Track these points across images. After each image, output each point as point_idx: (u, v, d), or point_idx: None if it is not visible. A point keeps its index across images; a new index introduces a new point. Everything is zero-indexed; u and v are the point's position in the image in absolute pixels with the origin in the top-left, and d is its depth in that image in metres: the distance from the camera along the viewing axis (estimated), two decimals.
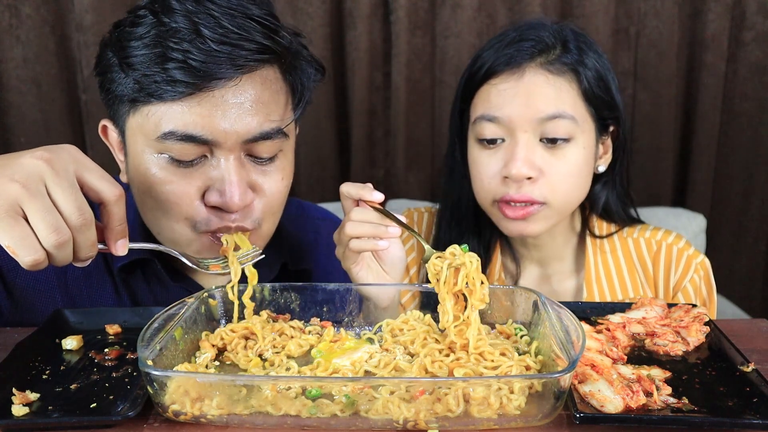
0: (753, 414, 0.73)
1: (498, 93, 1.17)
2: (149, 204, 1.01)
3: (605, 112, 1.20)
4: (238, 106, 0.95)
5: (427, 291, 0.97)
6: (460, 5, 2.10)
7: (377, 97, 2.19)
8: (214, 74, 0.92)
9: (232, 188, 0.96)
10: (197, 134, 0.94)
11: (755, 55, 2.19)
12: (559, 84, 1.15)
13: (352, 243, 1.01)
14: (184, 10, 0.94)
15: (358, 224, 1.00)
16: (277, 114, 1.00)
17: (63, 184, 0.75)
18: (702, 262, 1.29)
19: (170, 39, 0.92)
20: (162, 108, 0.94)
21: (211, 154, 0.97)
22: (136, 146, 0.99)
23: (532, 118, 1.14)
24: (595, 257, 1.31)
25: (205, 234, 1.00)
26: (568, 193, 1.19)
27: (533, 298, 0.92)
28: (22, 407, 0.75)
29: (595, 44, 1.22)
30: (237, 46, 0.93)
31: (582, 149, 1.18)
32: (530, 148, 1.15)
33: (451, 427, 0.71)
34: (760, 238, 2.36)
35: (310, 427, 0.72)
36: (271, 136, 0.99)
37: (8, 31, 1.98)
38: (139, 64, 0.94)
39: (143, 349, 0.75)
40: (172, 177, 0.97)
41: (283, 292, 0.98)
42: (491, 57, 1.18)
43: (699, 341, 0.91)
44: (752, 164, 2.29)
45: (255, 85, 0.97)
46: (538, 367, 0.82)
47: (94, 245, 0.80)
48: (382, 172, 2.25)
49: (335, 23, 2.13)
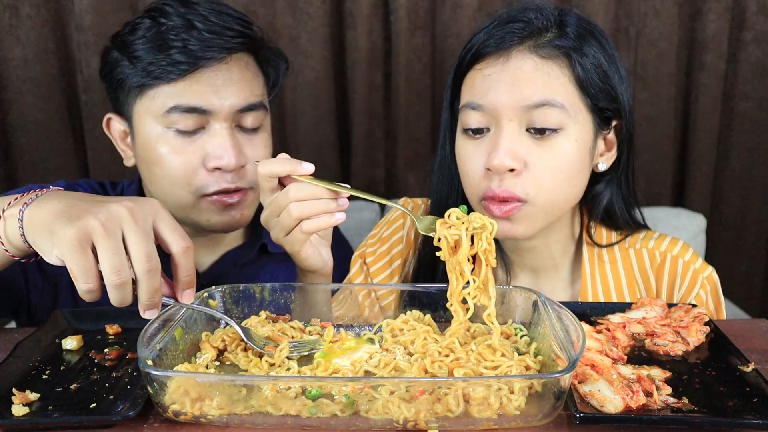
0: (753, 414, 0.73)
1: (483, 79, 1.07)
2: (158, 174, 1.20)
3: (603, 102, 1.09)
4: (228, 82, 1.18)
5: (427, 291, 0.97)
6: (460, 5, 2.10)
7: (377, 97, 2.18)
8: (208, 55, 1.16)
9: (228, 151, 1.17)
10: (198, 105, 1.16)
11: (755, 55, 2.19)
12: (548, 69, 1.05)
13: (305, 224, 0.96)
14: (178, 12, 1.17)
15: (307, 203, 0.95)
16: (258, 91, 1.24)
17: (138, 231, 0.80)
18: (709, 276, 1.18)
19: (169, 33, 1.16)
20: (166, 88, 1.16)
21: (208, 124, 1.18)
22: (145, 127, 1.19)
23: (518, 105, 1.04)
24: (592, 268, 1.20)
25: (204, 198, 1.20)
26: (554, 189, 1.07)
27: (533, 298, 0.92)
28: (22, 407, 0.75)
29: (602, 35, 1.12)
30: (223, 34, 1.18)
31: (573, 142, 1.06)
32: (515, 137, 1.05)
33: (451, 427, 0.71)
34: (760, 238, 2.36)
35: (310, 427, 0.72)
36: (256, 108, 1.22)
37: (8, 31, 1.98)
38: (145, 55, 1.16)
39: (143, 349, 0.75)
40: (178, 147, 1.18)
41: (283, 292, 0.98)
42: (480, 39, 1.09)
43: (699, 341, 0.91)
44: (752, 164, 2.29)
45: (240, 66, 1.20)
46: (538, 368, 0.82)
47: (158, 292, 0.81)
48: (382, 172, 2.25)
49: (335, 23, 2.12)
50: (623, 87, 1.12)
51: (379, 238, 1.33)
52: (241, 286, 0.96)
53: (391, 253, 1.31)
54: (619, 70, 1.11)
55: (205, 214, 1.22)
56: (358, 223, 1.87)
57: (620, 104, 1.12)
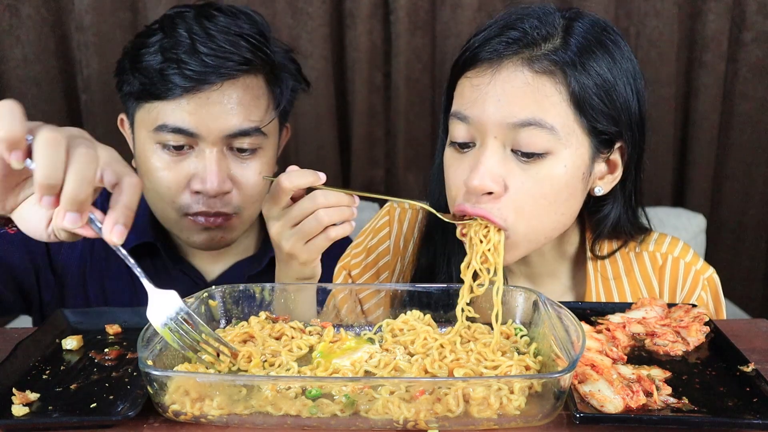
0: (753, 414, 0.73)
1: (471, 88, 0.98)
2: (147, 186, 1.21)
3: (603, 125, 0.98)
4: (221, 107, 1.16)
5: (428, 291, 0.97)
6: (460, 5, 2.10)
7: (377, 97, 2.18)
8: (203, 80, 1.14)
9: (212, 176, 1.16)
10: (185, 127, 1.16)
11: (755, 55, 2.19)
12: (540, 85, 0.95)
13: (333, 231, 0.96)
14: (186, 28, 1.16)
15: (335, 210, 0.95)
16: (257, 115, 1.20)
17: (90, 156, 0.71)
18: (710, 277, 1.15)
19: (171, 50, 1.15)
20: (160, 105, 1.16)
21: (197, 146, 1.18)
22: (140, 136, 1.21)
23: (503, 121, 0.95)
24: (597, 284, 1.14)
25: (186, 217, 1.21)
26: (537, 217, 0.98)
27: (533, 298, 0.92)
28: (22, 407, 0.75)
29: (616, 44, 1.00)
30: (225, 59, 1.15)
31: (562, 167, 0.96)
32: (498, 157, 0.96)
33: (451, 427, 0.71)
34: (760, 238, 2.36)
35: (310, 427, 0.72)
36: (249, 133, 1.19)
37: (8, 31, 1.98)
38: (144, 69, 1.17)
39: (143, 349, 0.75)
40: (165, 164, 1.18)
41: (283, 292, 0.98)
42: (477, 44, 1.00)
43: (699, 341, 0.91)
44: (752, 164, 2.29)
45: (237, 90, 1.17)
46: (537, 368, 0.82)
47: (86, 192, 0.71)
48: (382, 172, 2.25)
49: (335, 23, 2.13)
50: (635, 101, 1.01)
51: (365, 247, 1.26)
52: (241, 286, 0.96)
53: (378, 265, 1.25)
54: (634, 82, 1.01)
55: (186, 233, 1.23)
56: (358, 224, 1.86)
57: (628, 124, 1.01)
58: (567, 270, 1.18)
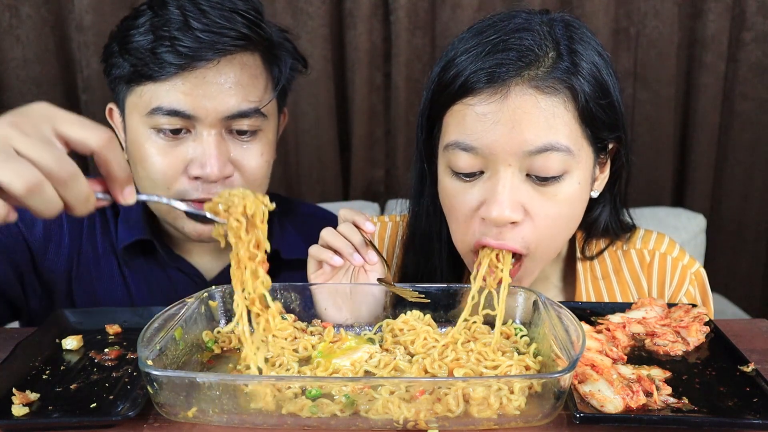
0: (753, 414, 0.73)
1: (476, 118, 0.93)
2: (141, 174, 1.14)
3: (604, 133, 0.98)
4: (218, 86, 1.09)
5: (427, 291, 0.97)
6: (460, 5, 2.10)
7: (377, 97, 2.19)
8: (198, 56, 1.07)
9: (211, 160, 1.09)
10: (181, 109, 1.08)
11: (755, 55, 2.19)
12: (551, 106, 0.92)
13: (312, 249, 1.01)
14: (177, 5, 1.09)
15: (335, 236, 0.99)
16: (255, 95, 1.13)
17: (34, 143, 0.68)
18: (697, 271, 1.16)
19: (162, 28, 1.07)
20: (152, 87, 1.09)
21: (194, 129, 1.10)
22: (132, 122, 1.14)
23: (518, 150, 0.91)
24: (587, 284, 1.15)
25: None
26: (555, 237, 0.99)
27: (533, 298, 0.92)
28: (22, 407, 0.75)
29: (588, 36, 0.99)
30: (220, 34, 1.08)
31: (576, 184, 0.96)
32: (515, 185, 0.93)
33: (451, 427, 0.71)
34: (760, 238, 2.36)
35: (310, 427, 0.72)
36: (249, 115, 1.12)
37: (8, 31, 1.98)
38: (135, 50, 1.09)
39: (143, 349, 0.75)
40: (160, 150, 1.11)
41: (283, 292, 0.98)
42: (467, 66, 0.94)
43: (699, 341, 0.91)
44: (752, 164, 2.29)
45: (234, 68, 1.10)
46: (537, 368, 0.82)
47: (88, 199, 0.72)
48: (382, 171, 2.25)
49: (335, 23, 2.13)
50: (619, 97, 1.00)
51: None
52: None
53: None
54: (613, 77, 1.00)
55: (182, 221, 1.16)
56: None
57: (620, 131, 1.01)
58: (557, 271, 1.18)
